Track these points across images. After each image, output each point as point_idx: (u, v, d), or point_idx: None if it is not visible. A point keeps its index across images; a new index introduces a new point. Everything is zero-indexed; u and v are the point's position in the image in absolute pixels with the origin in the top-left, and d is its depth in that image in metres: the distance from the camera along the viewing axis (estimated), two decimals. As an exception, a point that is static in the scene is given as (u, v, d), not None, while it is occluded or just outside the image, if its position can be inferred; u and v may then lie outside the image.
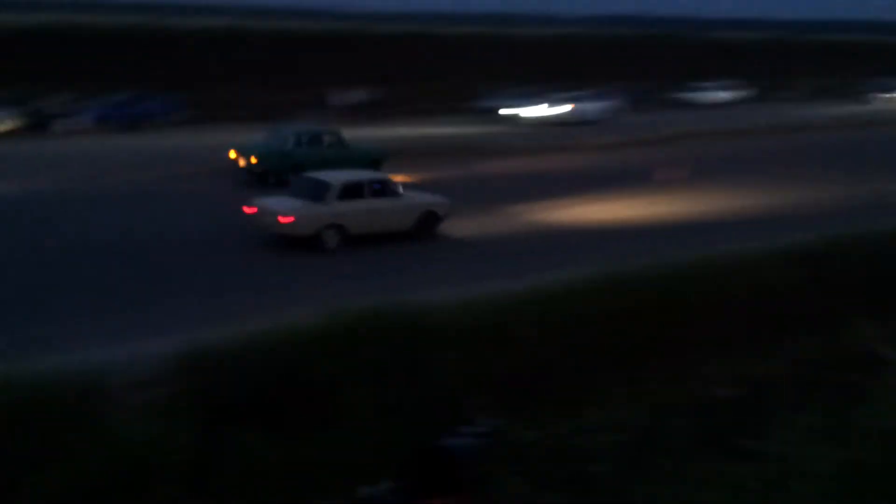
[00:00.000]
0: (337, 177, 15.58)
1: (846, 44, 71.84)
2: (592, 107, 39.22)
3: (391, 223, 15.41)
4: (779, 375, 8.75)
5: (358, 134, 25.06)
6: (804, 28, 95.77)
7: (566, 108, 38.15)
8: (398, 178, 17.68)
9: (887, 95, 54.62)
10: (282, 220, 14.54)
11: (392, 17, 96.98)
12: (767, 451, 4.87)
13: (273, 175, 20.36)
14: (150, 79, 34.23)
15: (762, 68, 59.35)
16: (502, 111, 37.95)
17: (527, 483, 6.07)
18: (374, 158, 21.37)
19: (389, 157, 22.13)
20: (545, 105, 38.08)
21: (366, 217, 15.09)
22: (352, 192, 15.13)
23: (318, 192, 15.02)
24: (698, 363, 9.32)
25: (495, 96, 39.33)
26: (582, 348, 9.15)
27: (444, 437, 5.53)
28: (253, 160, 21.08)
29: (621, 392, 8.52)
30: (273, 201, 15.30)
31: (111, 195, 19.34)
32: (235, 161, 21.42)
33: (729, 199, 20.12)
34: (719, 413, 8.00)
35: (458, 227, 16.30)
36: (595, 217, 18.09)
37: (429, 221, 15.85)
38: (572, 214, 18.35)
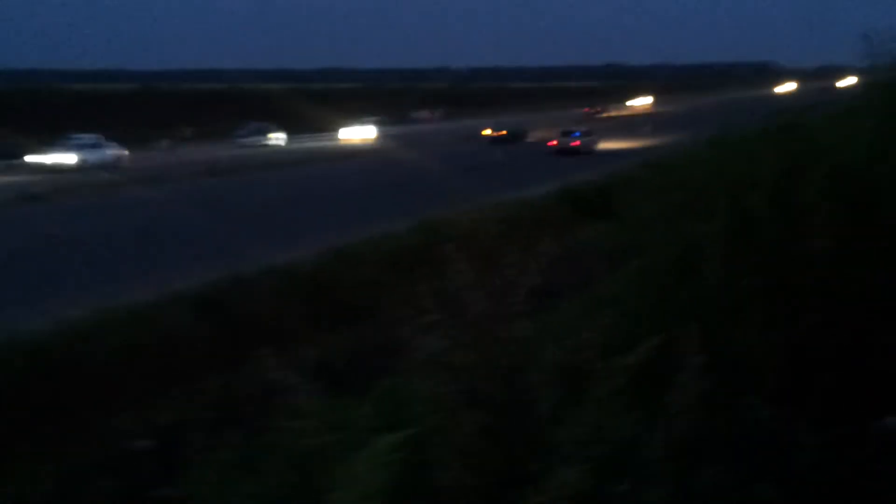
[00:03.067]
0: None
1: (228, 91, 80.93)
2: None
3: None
4: (193, 418, 9.23)
5: None
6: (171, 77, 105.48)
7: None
8: None
9: (265, 139, 62.35)
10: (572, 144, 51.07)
11: None
12: (186, 495, 5.19)
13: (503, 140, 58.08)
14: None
15: (133, 117, 63.01)
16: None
17: None
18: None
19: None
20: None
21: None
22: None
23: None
24: (109, 416, 9.38)
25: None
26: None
27: None
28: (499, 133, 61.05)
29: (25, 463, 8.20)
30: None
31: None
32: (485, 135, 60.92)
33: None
34: (138, 465, 8.15)
35: None
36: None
37: None
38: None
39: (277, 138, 64.94)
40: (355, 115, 70.99)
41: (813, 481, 4.01)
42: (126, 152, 49.84)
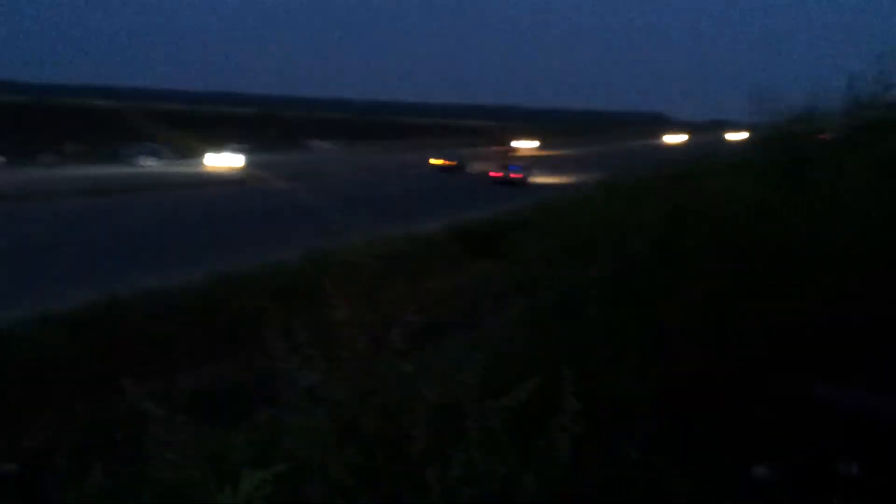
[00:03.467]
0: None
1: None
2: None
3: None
4: (61, 443, 8.87)
5: None
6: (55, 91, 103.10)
7: None
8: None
9: (151, 160, 60.74)
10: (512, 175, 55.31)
11: None
12: None
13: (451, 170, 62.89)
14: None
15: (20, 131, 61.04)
16: None
17: None
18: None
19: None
20: None
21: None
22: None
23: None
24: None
25: None
26: None
27: None
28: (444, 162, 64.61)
29: None
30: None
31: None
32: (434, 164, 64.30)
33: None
34: (3, 490, 7.79)
35: None
36: None
37: None
38: None
39: (148, 161, 62.23)
40: (236, 140, 69.39)
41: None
42: None
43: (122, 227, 30.31)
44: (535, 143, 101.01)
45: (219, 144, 65.30)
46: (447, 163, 66.12)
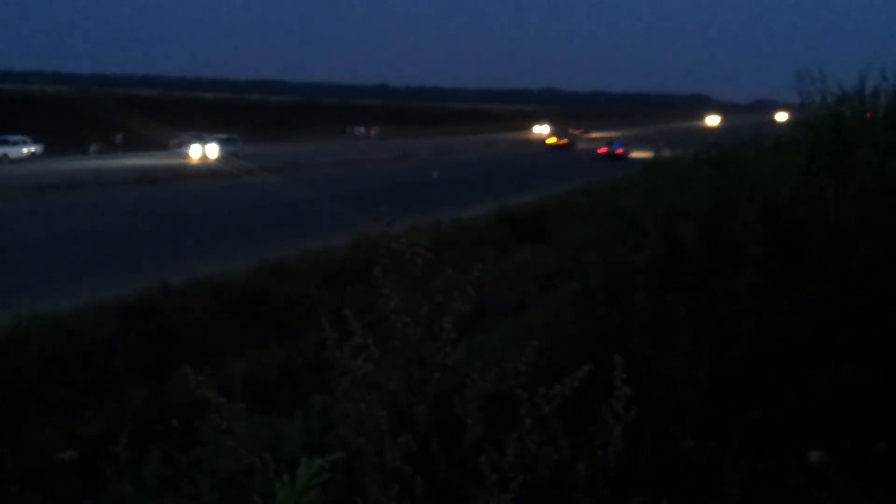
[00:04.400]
0: None
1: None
2: None
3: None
4: (118, 431, 9.05)
5: None
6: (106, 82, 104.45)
7: None
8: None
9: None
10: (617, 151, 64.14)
11: None
12: None
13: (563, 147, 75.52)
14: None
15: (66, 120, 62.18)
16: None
17: None
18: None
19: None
20: None
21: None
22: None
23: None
24: (33, 427, 9.17)
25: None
26: None
27: None
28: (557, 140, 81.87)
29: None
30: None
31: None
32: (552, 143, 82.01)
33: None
34: (61, 478, 7.97)
35: None
36: None
37: None
38: None
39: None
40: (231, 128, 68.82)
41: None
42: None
43: (162, 215, 30.80)
44: (546, 128, 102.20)
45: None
46: (561, 141, 79.72)
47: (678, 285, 5.86)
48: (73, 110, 69.49)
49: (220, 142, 63.49)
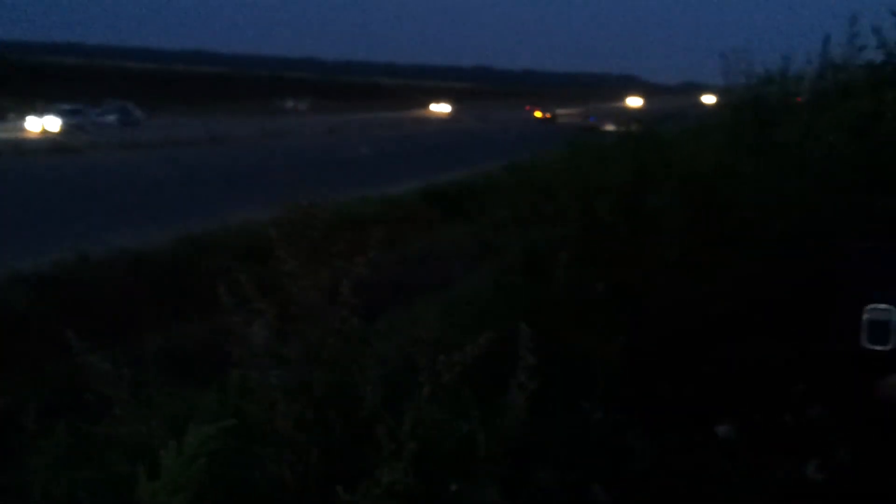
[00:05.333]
0: None
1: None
2: None
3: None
4: (28, 403, 8.82)
5: None
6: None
7: None
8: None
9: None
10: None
11: None
12: (14, 482, 4.96)
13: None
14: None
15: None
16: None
17: None
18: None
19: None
20: None
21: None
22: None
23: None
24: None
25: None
26: None
27: None
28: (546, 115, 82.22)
29: None
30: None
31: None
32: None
33: None
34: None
35: None
36: None
37: None
38: None
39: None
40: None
41: (645, 486, 4.12)
42: None
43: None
44: (447, 108, 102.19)
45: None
46: (546, 115, 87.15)
47: (597, 260, 5.91)
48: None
49: (64, 113, 58.12)
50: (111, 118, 61.74)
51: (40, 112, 57.44)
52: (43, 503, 3.89)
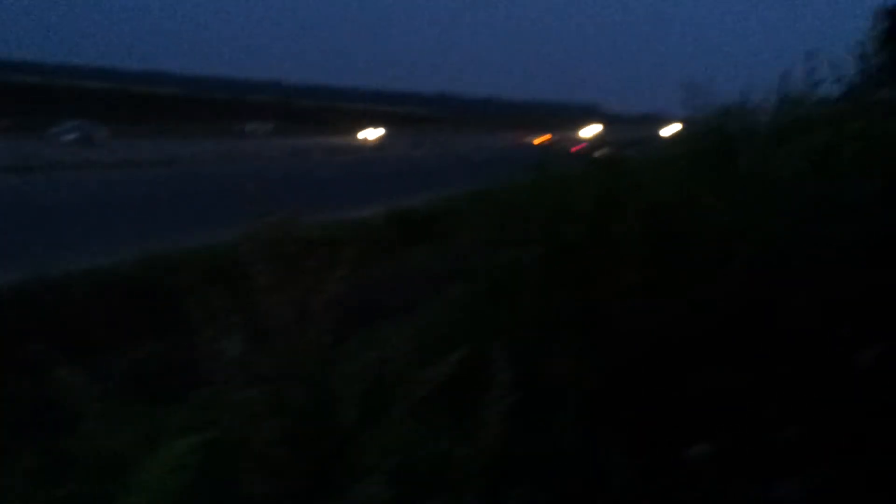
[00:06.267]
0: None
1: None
2: None
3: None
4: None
5: None
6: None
7: None
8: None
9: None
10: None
11: None
12: None
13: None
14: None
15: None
16: None
17: None
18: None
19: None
20: None
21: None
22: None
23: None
24: None
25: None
26: None
27: None
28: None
29: None
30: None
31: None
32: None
33: None
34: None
35: None
36: None
37: None
38: None
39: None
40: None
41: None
42: None
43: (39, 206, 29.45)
44: (380, 132, 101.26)
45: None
46: (545, 139, 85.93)
47: (563, 284, 5.97)
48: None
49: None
50: (70, 137, 61.45)
51: None
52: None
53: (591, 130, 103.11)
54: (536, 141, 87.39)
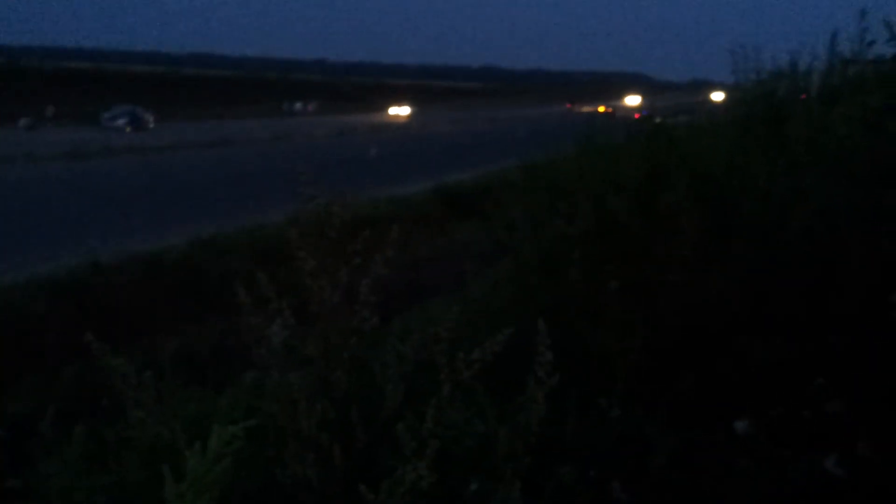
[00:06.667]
0: None
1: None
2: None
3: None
4: (47, 408, 8.90)
5: None
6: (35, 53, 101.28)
7: None
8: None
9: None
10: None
11: None
12: (32, 487, 5.00)
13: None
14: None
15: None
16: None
17: None
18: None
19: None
20: None
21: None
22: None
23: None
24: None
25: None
26: None
27: None
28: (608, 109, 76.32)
29: None
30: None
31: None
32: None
33: None
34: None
35: None
36: None
37: None
38: None
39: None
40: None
41: (664, 482, 4.13)
42: None
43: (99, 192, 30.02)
44: (406, 110, 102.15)
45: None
46: (608, 110, 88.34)
47: (611, 258, 5.90)
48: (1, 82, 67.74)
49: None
50: (121, 122, 62.55)
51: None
52: (61, 509, 3.91)
53: (633, 100, 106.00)
54: (600, 109, 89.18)
